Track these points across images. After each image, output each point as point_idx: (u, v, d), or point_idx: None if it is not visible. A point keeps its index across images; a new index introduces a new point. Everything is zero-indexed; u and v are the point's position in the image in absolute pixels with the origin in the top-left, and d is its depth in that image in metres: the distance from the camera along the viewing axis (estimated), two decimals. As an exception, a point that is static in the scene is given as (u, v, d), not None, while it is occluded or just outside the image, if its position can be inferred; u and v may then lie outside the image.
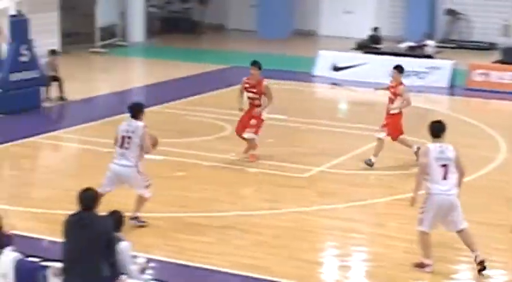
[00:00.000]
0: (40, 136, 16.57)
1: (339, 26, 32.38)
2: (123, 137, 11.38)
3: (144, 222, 11.66)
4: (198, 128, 17.19)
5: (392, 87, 14.88)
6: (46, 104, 19.50)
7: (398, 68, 14.97)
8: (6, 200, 12.22)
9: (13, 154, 15.54)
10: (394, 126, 14.62)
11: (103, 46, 28.18)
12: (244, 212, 12.42)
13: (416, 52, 24.90)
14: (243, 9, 34.21)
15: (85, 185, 8.26)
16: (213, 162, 14.73)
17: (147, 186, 11.52)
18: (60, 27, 27.14)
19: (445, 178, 9.93)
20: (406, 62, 23.20)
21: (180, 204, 12.65)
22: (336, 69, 24.15)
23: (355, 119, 18.63)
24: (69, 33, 29.31)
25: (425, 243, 10.24)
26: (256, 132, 14.72)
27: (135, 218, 11.60)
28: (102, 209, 8.30)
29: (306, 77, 23.82)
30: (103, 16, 28.58)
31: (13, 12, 18.79)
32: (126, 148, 11.33)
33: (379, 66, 23.48)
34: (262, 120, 14.80)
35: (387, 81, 20.05)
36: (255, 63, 14.66)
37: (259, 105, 14.70)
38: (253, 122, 14.68)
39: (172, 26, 33.44)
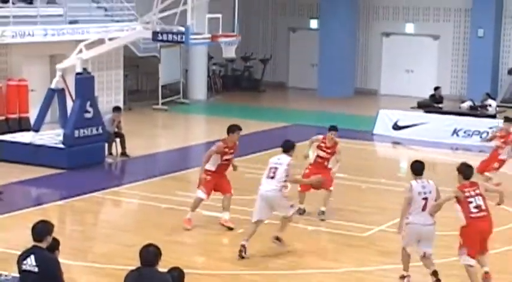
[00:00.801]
0: (102, 191, 16.81)
1: (400, 85, 32.42)
2: (270, 168, 13.00)
3: (282, 245, 13.10)
4: (258, 186, 17.09)
5: (329, 147, 15.38)
6: (109, 160, 19.83)
7: (335, 128, 15.56)
8: (68, 255, 12.30)
9: (76, 209, 15.77)
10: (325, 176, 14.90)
11: (165, 103, 28.64)
12: (303, 271, 12.39)
13: (478, 112, 24.72)
14: (303, 68, 34.50)
15: (145, 241, 8.31)
16: (272, 219, 14.65)
17: (291, 206, 13.10)
18: (124, 85, 27.70)
19: (423, 210, 11.46)
20: (468, 122, 23.37)
21: (238, 262, 12.63)
22: (397, 128, 24.11)
23: (416, 178, 18.37)
24: (133, 91, 29.92)
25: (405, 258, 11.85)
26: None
27: (277, 239, 13.11)
28: (162, 266, 8.31)
29: (367, 135, 23.81)
30: (166, 74, 29.09)
31: (79, 70, 19.25)
32: (272, 177, 12.88)
33: (441, 126, 23.46)
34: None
35: (449, 140, 20.17)
36: (238, 128, 14.58)
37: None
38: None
39: (233, 84, 33.90)
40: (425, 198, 11.42)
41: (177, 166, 19.67)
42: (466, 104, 25.41)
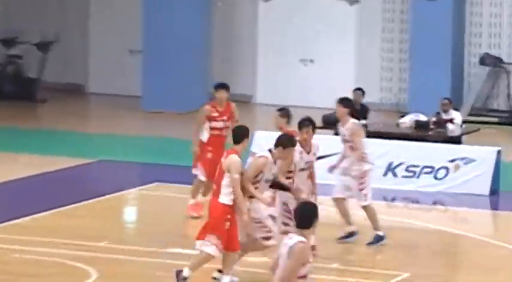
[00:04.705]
0: None
1: (291, 87, 33.20)
2: None
3: None
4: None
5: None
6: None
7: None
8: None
9: None
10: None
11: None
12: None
13: (430, 133, 24.71)
14: (118, 58, 34.81)
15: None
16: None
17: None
18: None
19: None
20: (414, 150, 22.95)
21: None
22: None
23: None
24: None
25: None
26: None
27: None
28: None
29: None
30: None
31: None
32: None
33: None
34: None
35: (380, 185, 21.47)
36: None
37: None
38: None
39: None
40: None
41: None
42: (409, 120, 25.45)
